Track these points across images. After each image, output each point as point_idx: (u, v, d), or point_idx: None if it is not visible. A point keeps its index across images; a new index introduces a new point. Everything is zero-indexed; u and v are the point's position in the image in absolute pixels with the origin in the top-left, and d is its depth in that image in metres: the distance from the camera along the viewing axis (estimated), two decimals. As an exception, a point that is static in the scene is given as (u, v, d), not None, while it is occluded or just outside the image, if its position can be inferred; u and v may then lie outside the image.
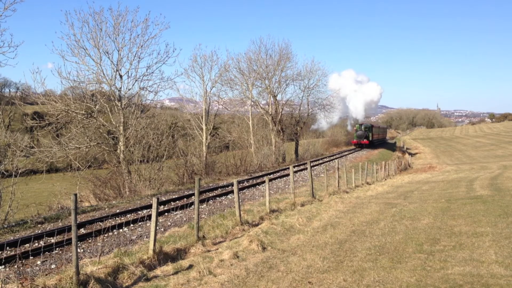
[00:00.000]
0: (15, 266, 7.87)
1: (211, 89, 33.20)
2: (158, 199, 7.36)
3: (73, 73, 22.21)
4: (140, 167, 20.68)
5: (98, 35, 19.50)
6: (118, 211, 13.18)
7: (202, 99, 32.98)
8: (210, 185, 19.53)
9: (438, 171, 34.59)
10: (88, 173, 20.68)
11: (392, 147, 66.59)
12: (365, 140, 54.83)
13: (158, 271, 6.45)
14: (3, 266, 7.96)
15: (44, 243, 9.27)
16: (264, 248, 7.60)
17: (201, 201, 14.14)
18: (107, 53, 19.97)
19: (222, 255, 7.09)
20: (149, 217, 10.91)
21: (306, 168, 21.28)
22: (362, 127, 56.85)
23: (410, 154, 57.45)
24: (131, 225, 11.24)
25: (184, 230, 9.59)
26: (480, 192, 14.05)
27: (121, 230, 10.72)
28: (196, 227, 8.27)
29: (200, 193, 10.64)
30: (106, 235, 10.21)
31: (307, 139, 57.03)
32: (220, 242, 8.37)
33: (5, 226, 11.37)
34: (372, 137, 57.65)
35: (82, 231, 10.67)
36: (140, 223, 11.37)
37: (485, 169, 32.87)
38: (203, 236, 8.45)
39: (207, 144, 31.38)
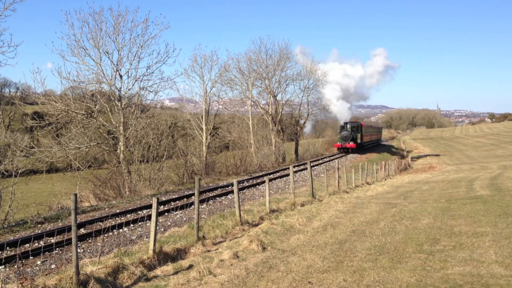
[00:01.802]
0: (15, 266, 7.87)
1: (211, 89, 33.31)
2: (158, 199, 7.36)
3: (73, 73, 22.15)
4: (140, 167, 20.69)
5: (98, 35, 19.54)
6: (118, 211, 13.18)
7: (202, 99, 33.06)
8: (210, 185, 19.52)
9: (438, 171, 34.58)
10: (88, 173, 20.68)
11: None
12: (351, 143, 43.66)
13: (158, 271, 6.45)
14: (3, 266, 7.96)
15: (44, 243, 9.28)
16: (264, 248, 7.59)
17: (201, 201, 14.14)
18: (107, 53, 20.00)
19: (222, 255, 7.09)
20: (149, 217, 10.91)
21: (306, 168, 21.28)
22: (348, 126, 45.31)
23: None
24: (131, 225, 11.24)
25: (184, 230, 9.59)
26: (480, 192, 14.04)
27: (121, 230, 10.72)
28: (196, 227, 8.27)
29: (200, 193, 10.64)
30: (106, 235, 10.21)
31: (307, 139, 56.88)
32: (220, 242, 8.37)
33: (5, 226, 11.37)
34: (362, 139, 46.87)
35: (82, 231, 10.67)
36: (140, 223, 11.37)
37: (485, 169, 32.86)
38: (203, 236, 8.45)
39: (207, 144, 31.42)
